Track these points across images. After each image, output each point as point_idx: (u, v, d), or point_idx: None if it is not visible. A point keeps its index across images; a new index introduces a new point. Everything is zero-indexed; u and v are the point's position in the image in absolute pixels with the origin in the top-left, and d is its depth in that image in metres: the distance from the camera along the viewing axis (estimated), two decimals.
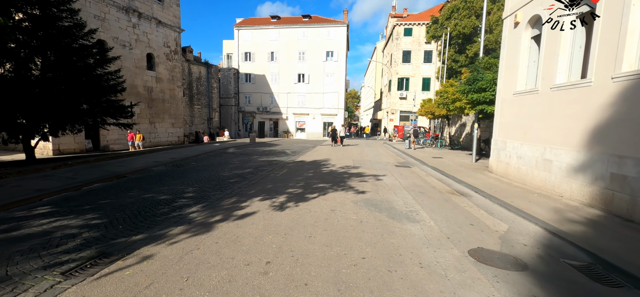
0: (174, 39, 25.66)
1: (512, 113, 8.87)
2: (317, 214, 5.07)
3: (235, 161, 12.43)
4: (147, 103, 22.88)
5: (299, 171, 10.04)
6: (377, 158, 14.44)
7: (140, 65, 22.14)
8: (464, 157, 15.01)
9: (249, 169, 10.32)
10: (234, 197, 6.36)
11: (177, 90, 26.15)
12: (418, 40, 36.66)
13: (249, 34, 38.78)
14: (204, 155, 14.63)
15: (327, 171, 10.06)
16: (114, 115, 13.41)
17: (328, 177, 8.78)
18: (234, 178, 8.70)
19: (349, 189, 7.04)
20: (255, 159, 13.27)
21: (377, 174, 9.41)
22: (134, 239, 3.95)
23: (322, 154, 15.84)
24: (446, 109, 15.56)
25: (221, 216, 5.01)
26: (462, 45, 21.17)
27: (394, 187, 7.43)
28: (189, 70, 33.37)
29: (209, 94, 36.04)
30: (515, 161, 8.56)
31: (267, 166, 11.13)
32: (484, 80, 10.84)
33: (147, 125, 22.90)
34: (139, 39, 22.02)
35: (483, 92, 10.82)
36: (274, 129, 39.84)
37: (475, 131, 12.63)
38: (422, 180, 8.73)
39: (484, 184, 7.93)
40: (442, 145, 20.76)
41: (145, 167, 10.01)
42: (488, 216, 5.25)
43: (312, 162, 12.54)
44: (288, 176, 8.93)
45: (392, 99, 38.26)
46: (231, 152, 16.37)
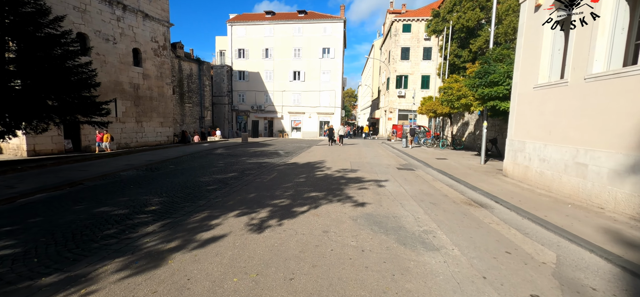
0: (163, 33, 24.35)
1: (533, 109, 7.77)
2: (305, 238, 3.90)
3: (220, 164, 11.22)
4: (134, 101, 21.58)
5: (290, 175, 8.87)
6: (377, 160, 13.31)
7: (126, 60, 20.83)
8: (469, 158, 13.93)
9: (233, 173, 9.13)
10: (206, 210, 5.17)
11: (166, 88, 24.84)
12: (417, 37, 35.60)
13: (242, 30, 37.49)
14: (187, 157, 13.39)
15: (322, 175, 8.89)
16: (86, 113, 12.15)
17: (322, 183, 7.61)
18: (213, 184, 7.51)
19: (346, 200, 5.88)
20: (243, 161, 12.07)
21: (379, 179, 8.26)
22: (40, 283, 2.76)
23: (317, 156, 14.67)
24: (450, 106, 14.47)
25: (180, 240, 3.82)
26: (466, 39, 20.09)
27: (400, 197, 6.28)
28: (179, 67, 32.02)
29: (201, 92, 34.71)
30: (536, 164, 7.45)
31: (254, 170, 9.94)
32: (496, 73, 9.73)
33: (134, 125, 21.61)
34: (123, 32, 20.70)
35: (495, 87, 9.72)
36: (269, 129, 38.60)
37: (484, 130, 11.54)
38: (431, 186, 7.59)
39: (502, 192, 6.81)
40: (444, 146, 19.69)
41: (113, 171, 8.77)
42: (524, 237, 4.12)
43: (306, 164, 11.37)
44: (276, 182, 7.74)
45: (390, 98, 37.18)
46: (218, 153, 15.14)
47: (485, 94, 10.11)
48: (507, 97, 9.72)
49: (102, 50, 19.30)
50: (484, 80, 10.13)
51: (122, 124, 20.84)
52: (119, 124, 20.56)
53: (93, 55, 18.68)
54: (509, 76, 9.40)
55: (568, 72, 6.49)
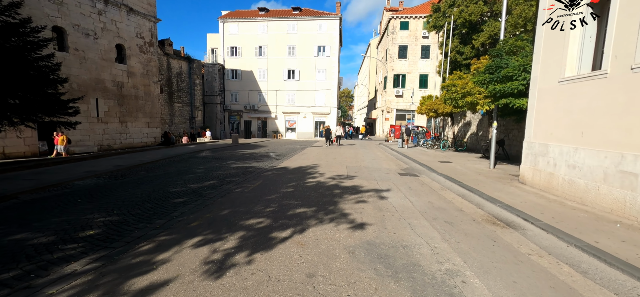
0: (149, 29, 23.03)
1: (558, 107, 6.67)
2: (281, 287, 2.72)
3: (200, 169, 9.99)
4: (117, 100, 20.26)
5: (277, 183, 7.67)
6: (375, 163, 12.17)
7: (108, 57, 19.51)
8: (475, 161, 12.86)
9: (212, 181, 7.92)
10: (159, 236, 3.97)
11: (153, 86, 23.53)
12: (415, 35, 34.62)
13: (235, 27, 36.19)
14: (165, 161, 12.12)
15: (313, 183, 7.71)
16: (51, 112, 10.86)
17: (313, 194, 6.43)
18: (183, 196, 6.30)
19: (340, 219, 4.71)
20: (228, 166, 10.85)
21: (379, 189, 7.10)
22: None
23: (311, 158, 13.50)
24: (454, 105, 13.39)
25: (100, 291, 2.63)
26: (468, 35, 19.06)
27: (407, 213, 5.13)
28: (168, 64, 30.64)
29: (192, 91, 33.35)
30: (564, 171, 6.35)
31: (238, 176, 8.74)
32: (510, 67, 8.65)
33: (117, 125, 20.28)
34: (105, 27, 19.36)
35: (509, 82, 8.64)
36: (263, 129, 37.33)
37: (494, 131, 10.46)
38: (440, 197, 6.45)
39: (526, 205, 5.70)
40: (445, 147, 18.63)
41: (66, 180, 7.48)
42: (583, 279, 2.99)
43: (297, 169, 10.18)
44: (259, 193, 6.55)
45: (388, 97, 36.16)
46: (203, 157, 13.88)
47: (497, 90, 9.02)
48: (522, 93, 8.64)
49: (81, 45, 17.96)
50: (496, 75, 9.03)
51: (104, 124, 19.51)
52: (101, 124, 19.23)
53: (71, 51, 17.37)
54: (526, 70, 8.32)
55: (607, 61, 5.39)
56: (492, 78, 9.22)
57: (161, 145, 19.53)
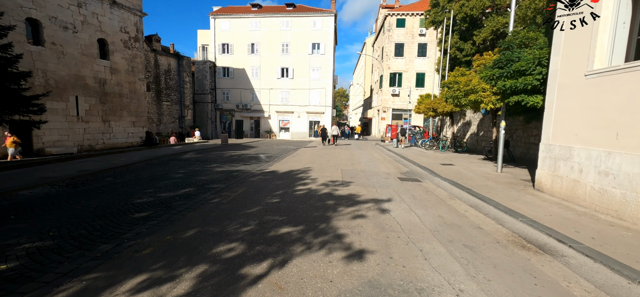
0: (134, 23, 21.82)
1: (584, 104, 5.80)
2: None
3: (179, 174, 8.94)
4: (99, 97, 19.08)
5: (262, 191, 6.68)
6: (373, 166, 11.24)
7: (89, 52, 18.32)
8: (479, 163, 12.01)
9: (188, 189, 6.89)
10: (93, 271, 2.97)
11: (139, 84, 22.32)
12: (412, 32, 33.84)
13: (226, 23, 35.00)
14: (142, 164, 11.01)
15: (303, 191, 6.73)
16: (12, 109, 9.76)
17: (301, 206, 5.45)
18: (147, 209, 5.27)
19: (333, 244, 3.74)
20: (211, 170, 9.82)
21: (379, 199, 6.15)
22: None
23: (304, 160, 12.52)
24: (456, 103, 12.53)
25: None
26: (468, 31, 18.26)
27: (416, 233, 4.19)
28: (155, 61, 29.39)
29: (181, 89, 32.10)
30: (593, 178, 5.48)
31: (220, 182, 7.72)
32: (522, 60, 7.77)
33: (100, 125, 19.09)
34: (86, 20, 18.15)
35: (522, 77, 7.77)
36: (256, 129, 36.21)
37: (502, 131, 9.60)
38: (451, 210, 5.53)
39: (553, 219, 4.80)
40: (445, 148, 17.81)
41: (10, 189, 6.33)
42: None
43: (287, 173, 9.20)
44: (237, 205, 5.55)
45: (384, 96, 35.33)
46: (186, 159, 12.79)
47: (507, 87, 8.15)
48: (536, 90, 7.77)
49: (59, 39, 16.76)
50: (506, 70, 8.16)
51: (85, 123, 18.34)
52: (81, 123, 18.04)
53: (48, 45, 16.16)
54: (541, 63, 7.45)
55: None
56: (501, 73, 8.35)
57: (143, 146, 18.31)
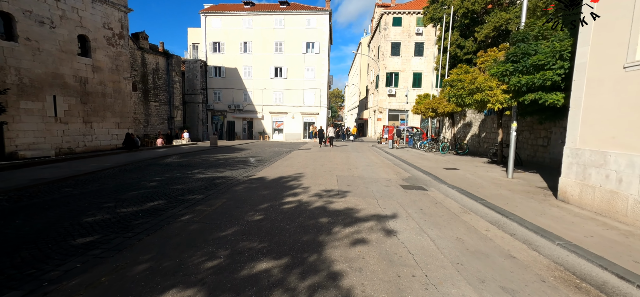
0: (118, 19, 20.60)
1: (624, 102, 4.91)
2: None
3: (152, 183, 7.87)
4: (80, 97, 17.84)
5: (243, 206, 5.67)
6: (371, 171, 10.29)
7: (69, 49, 17.10)
8: (484, 167, 11.15)
9: (156, 202, 5.84)
10: None
11: (124, 83, 21.10)
12: (408, 31, 33.08)
13: (218, 21, 33.86)
14: (113, 170, 9.88)
15: (292, 205, 5.73)
16: None
17: (288, 227, 4.46)
18: (96, 231, 4.23)
19: (327, 292, 2.75)
20: (192, 177, 8.76)
21: (382, 215, 5.18)
22: None
23: (296, 164, 11.53)
24: (459, 103, 11.66)
25: None
26: (469, 27, 17.46)
27: (434, 268, 3.22)
28: (143, 60, 28.16)
29: (170, 88, 30.86)
30: (637, 189, 4.59)
31: (197, 192, 6.69)
32: (540, 53, 6.89)
33: (81, 126, 17.85)
34: (65, 15, 16.91)
35: (540, 72, 6.88)
36: (248, 130, 35.08)
37: (513, 133, 8.73)
38: (470, 229, 4.59)
39: (595, 242, 3.89)
40: (445, 150, 16.96)
41: None
42: None
43: (276, 181, 8.19)
44: (210, 225, 4.53)
45: (380, 97, 34.50)
46: (166, 164, 11.69)
47: (522, 83, 7.26)
48: (557, 86, 6.90)
49: (34, 34, 15.52)
50: (522, 64, 7.28)
51: (64, 125, 17.09)
52: (60, 125, 16.80)
53: (22, 40, 14.92)
54: (562, 57, 6.58)
55: None
56: (516, 68, 7.47)
57: (123, 149, 17.10)
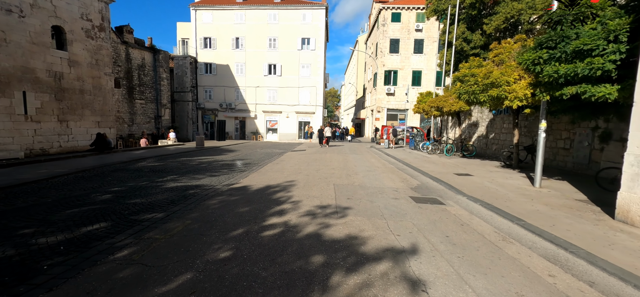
0: (99, 10, 18.98)
1: None
2: None
3: (108, 194, 6.39)
4: (55, 94, 16.25)
5: (210, 231, 4.24)
6: (373, 177, 8.93)
7: (41, 41, 15.50)
8: (500, 172, 9.84)
9: (95, 226, 4.39)
10: None
11: (105, 79, 19.46)
12: (407, 28, 31.82)
13: (209, 15, 32.27)
14: (69, 177, 8.35)
15: (276, 230, 4.32)
16: None
17: (264, 275, 3.05)
18: None
19: None
20: (160, 186, 7.30)
21: (397, 247, 3.80)
22: None
23: (288, 169, 10.11)
24: (472, 100, 10.35)
25: None
26: (476, 19, 16.20)
27: None
28: (127, 54, 26.51)
29: (157, 86, 29.22)
30: None
31: (159, 208, 5.26)
32: (584, 36, 5.57)
33: (55, 125, 16.24)
34: (36, 4, 15.30)
35: (586, 59, 5.56)
36: (241, 130, 33.55)
37: (542, 136, 7.42)
38: (529, 275, 3.23)
39: None
40: (450, 152, 15.67)
41: None
42: None
43: (260, 192, 6.77)
44: (151, 270, 3.11)
45: (378, 95, 33.19)
46: (137, 168, 10.18)
47: (560, 74, 5.94)
48: (607, 77, 5.58)
49: (0, 24, 13.91)
50: (560, 50, 5.95)
51: (36, 123, 15.48)
52: (31, 123, 15.18)
53: None
54: (618, 39, 5.25)
55: None
56: (551, 55, 6.14)
57: (92, 151, 15.48)
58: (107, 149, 14.96)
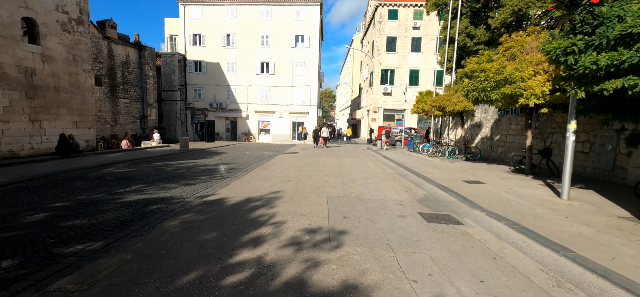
0: (76, 2, 17.59)
1: None
2: None
3: (41, 214, 5.12)
4: (26, 91, 14.82)
5: (148, 280, 3.02)
6: (373, 186, 7.77)
7: (9, 33, 14.08)
8: (514, 179, 8.75)
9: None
10: None
11: (84, 76, 18.03)
12: (405, 25, 30.83)
13: (198, 10, 30.87)
14: (6, 188, 7.04)
15: (244, 274, 3.13)
16: None
17: None
18: None
19: None
20: (117, 200, 6.03)
21: None
22: None
23: (276, 176, 8.91)
24: (482, 98, 9.28)
25: None
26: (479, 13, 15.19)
27: None
28: (109, 51, 25.00)
29: (143, 84, 27.72)
30: None
31: (99, 234, 4.02)
32: (629, 18, 4.49)
33: (26, 125, 14.80)
34: None
35: (637, 45, 4.47)
36: (232, 131, 32.18)
37: (571, 137, 6.33)
38: None
39: None
40: (453, 155, 14.60)
41: None
42: None
43: (237, 208, 5.55)
44: None
45: (374, 95, 32.12)
46: (99, 176, 8.86)
47: (600, 65, 4.84)
48: None
49: None
50: (599, 37, 4.86)
51: (4, 123, 14.06)
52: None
53: None
54: None
55: None
56: (588, 43, 5.05)
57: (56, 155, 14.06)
58: (73, 152, 13.54)
